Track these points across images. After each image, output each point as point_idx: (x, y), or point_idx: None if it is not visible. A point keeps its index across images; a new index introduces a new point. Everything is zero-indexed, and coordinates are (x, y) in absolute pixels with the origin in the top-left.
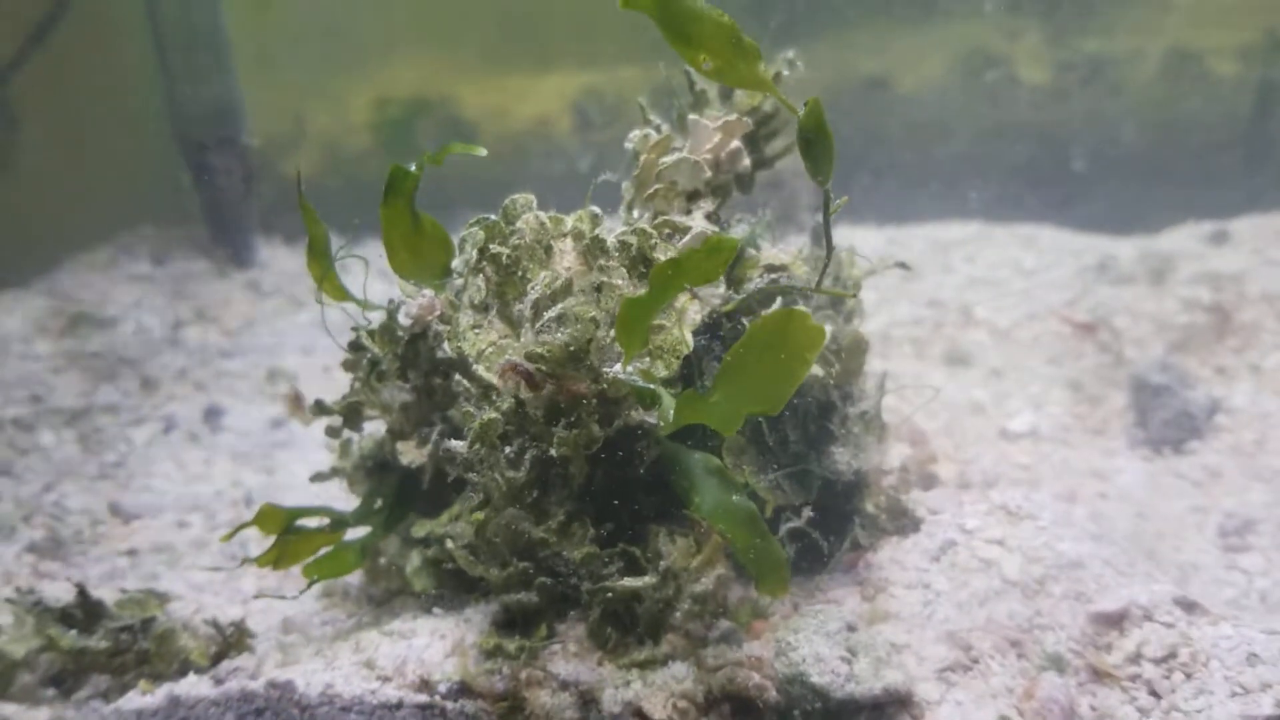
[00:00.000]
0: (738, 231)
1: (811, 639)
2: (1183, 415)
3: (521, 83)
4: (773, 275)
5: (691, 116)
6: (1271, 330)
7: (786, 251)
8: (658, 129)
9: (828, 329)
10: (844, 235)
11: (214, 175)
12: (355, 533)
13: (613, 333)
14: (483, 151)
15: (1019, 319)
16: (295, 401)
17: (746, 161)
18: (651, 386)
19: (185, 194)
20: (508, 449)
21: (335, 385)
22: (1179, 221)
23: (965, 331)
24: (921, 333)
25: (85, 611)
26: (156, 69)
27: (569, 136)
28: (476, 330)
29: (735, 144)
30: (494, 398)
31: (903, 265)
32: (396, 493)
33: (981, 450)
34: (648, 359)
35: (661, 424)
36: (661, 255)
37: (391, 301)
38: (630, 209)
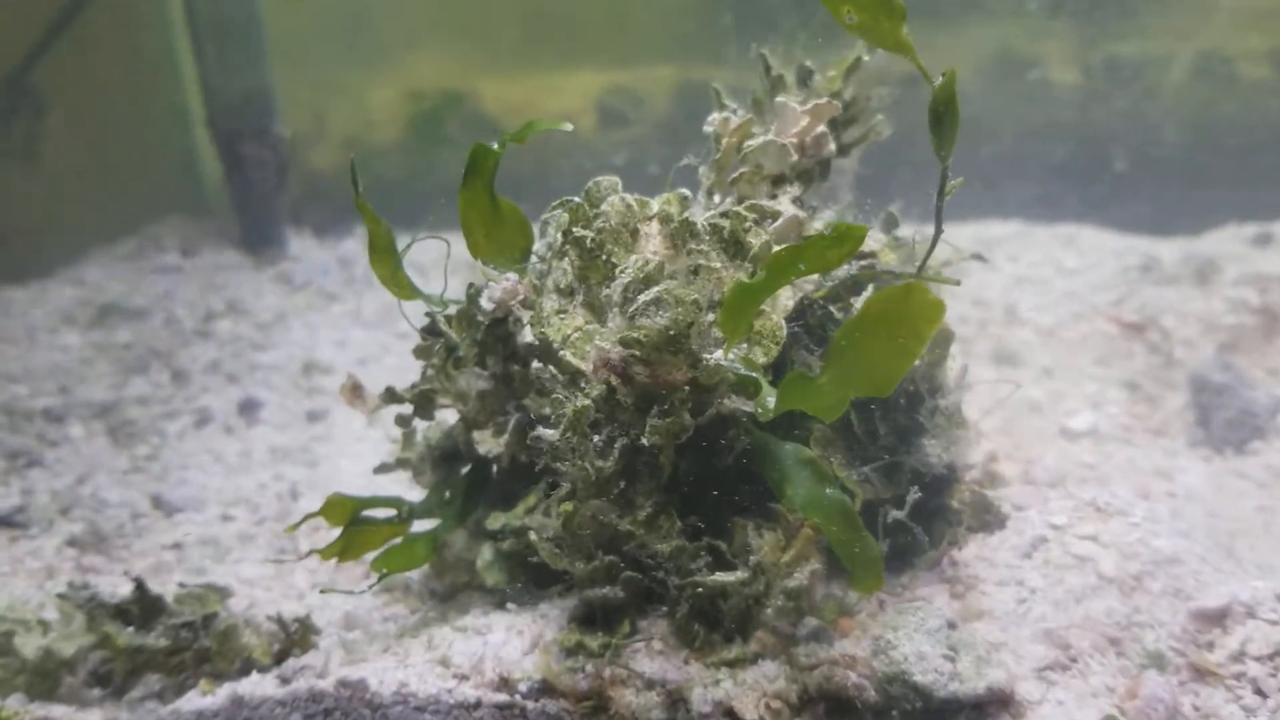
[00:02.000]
0: (825, 218)
1: (913, 636)
2: (1245, 415)
3: (547, 79)
4: (862, 262)
5: (780, 99)
6: None
7: (875, 238)
8: (735, 113)
9: None
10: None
11: (247, 166)
12: (420, 525)
13: (710, 317)
14: (569, 126)
15: (1064, 318)
16: (354, 391)
17: (832, 146)
18: (755, 375)
19: (213, 185)
20: (597, 438)
21: (371, 377)
22: (1221, 223)
23: (1011, 330)
24: (967, 331)
25: (143, 607)
26: (186, 57)
27: (596, 133)
28: (561, 315)
29: (821, 128)
30: (583, 384)
31: (979, 256)
32: (467, 484)
33: (1043, 449)
34: (745, 345)
35: (760, 411)
36: (754, 239)
37: (472, 286)
38: (710, 194)
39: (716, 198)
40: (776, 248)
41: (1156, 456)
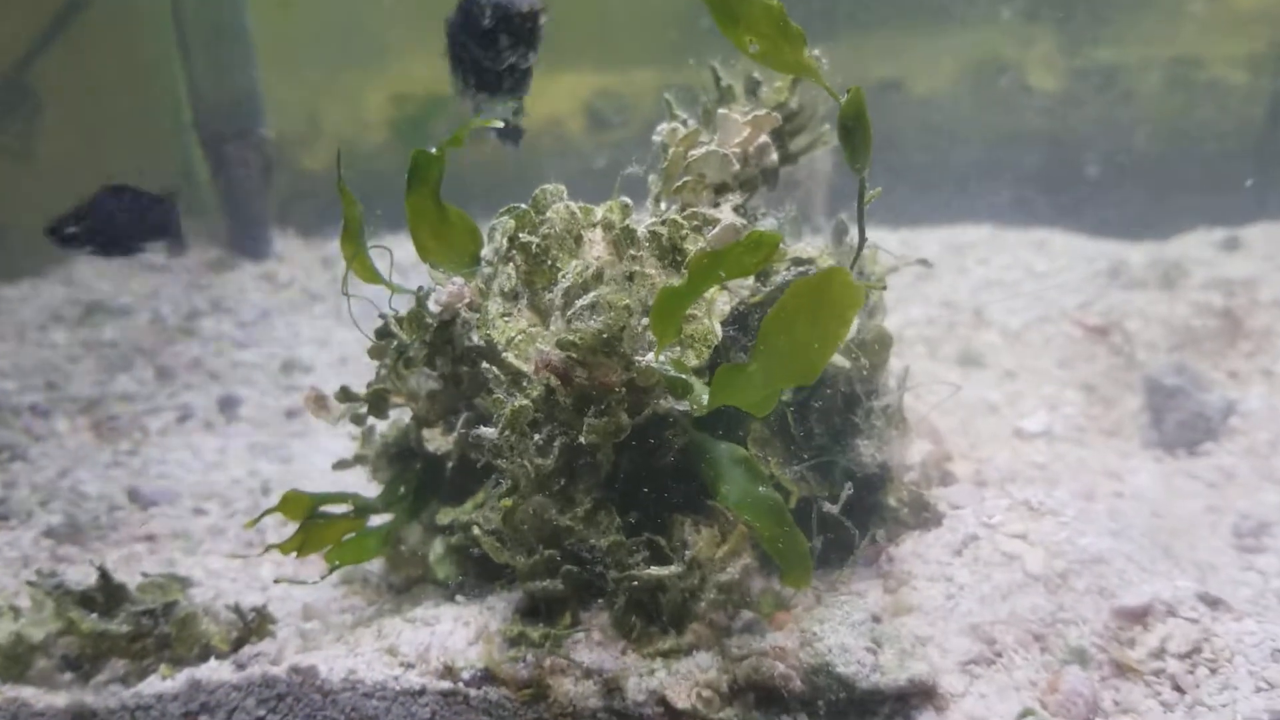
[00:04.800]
0: (764, 226)
1: (837, 629)
2: (1197, 417)
3: (537, 82)
4: (800, 269)
5: (721, 110)
6: None
7: (813, 245)
8: (684, 123)
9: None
10: (854, 236)
11: (232, 167)
12: (377, 520)
13: (644, 321)
14: (499, 124)
15: (1031, 321)
16: (318, 401)
17: (774, 156)
18: (684, 376)
19: (199, 186)
20: (537, 436)
21: (351, 377)
22: (1190, 227)
23: (978, 333)
24: (935, 333)
25: (106, 595)
26: (176, 60)
27: (581, 136)
28: (506, 318)
29: (763, 138)
30: (524, 385)
31: (924, 262)
32: (420, 480)
33: (996, 449)
34: (678, 348)
35: (694, 409)
36: (692, 246)
37: (420, 288)
38: (658, 201)
39: (664, 205)
40: None
41: (1108, 457)
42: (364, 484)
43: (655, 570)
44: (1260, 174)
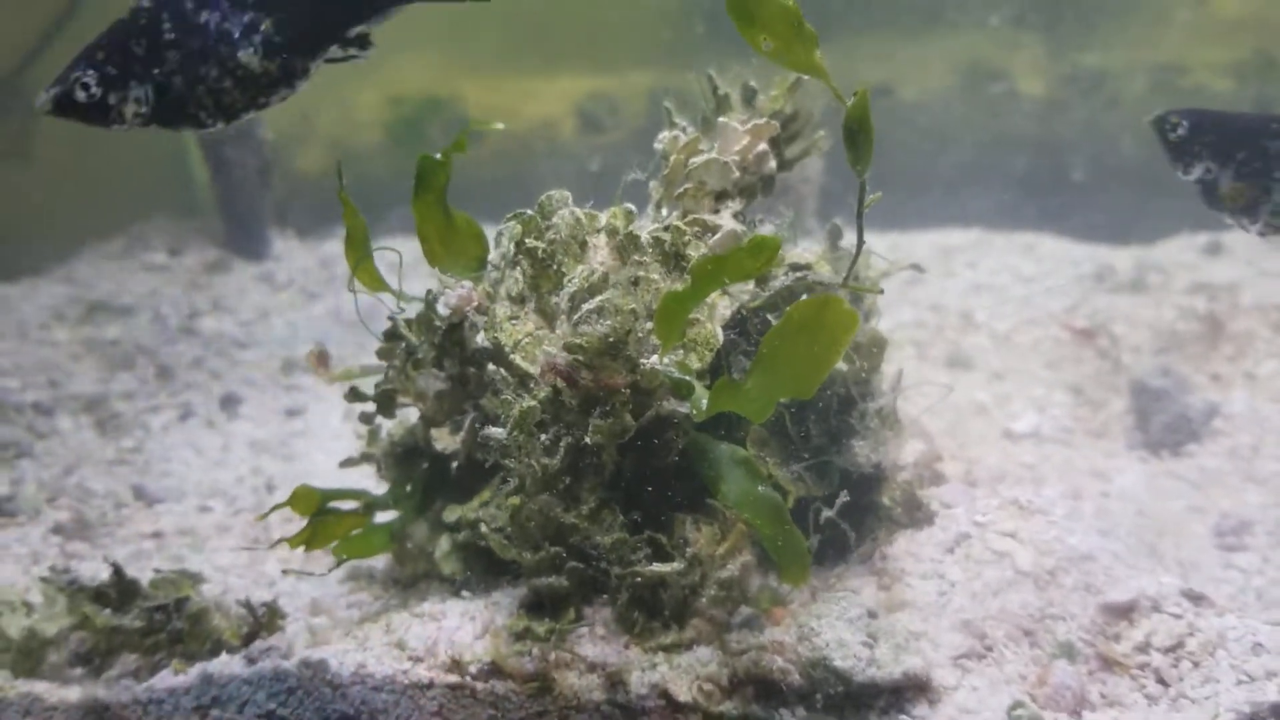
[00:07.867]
0: (764, 232)
1: (835, 624)
2: (1181, 419)
3: (528, 84)
4: (798, 274)
5: (721, 119)
6: (1265, 339)
7: (810, 251)
8: (684, 131)
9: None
10: (848, 240)
11: (231, 169)
12: (384, 516)
13: (649, 325)
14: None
15: (1019, 324)
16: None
17: (772, 163)
18: (687, 379)
19: (199, 186)
20: (544, 436)
21: None
22: (1174, 232)
23: (966, 335)
24: (923, 336)
25: (120, 591)
26: None
27: (574, 138)
28: (513, 321)
29: (762, 146)
30: (531, 386)
31: (916, 267)
32: (427, 478)
33: (986, 450)
34: (681, 351)
35: (694, 413)
36: (694, 252)
37: (430, 292)
38: (659, 207)
39: (664, 211)
40: None
41: (1095, 458)
42: (369, 482)
43: (658, 567)
44: None
